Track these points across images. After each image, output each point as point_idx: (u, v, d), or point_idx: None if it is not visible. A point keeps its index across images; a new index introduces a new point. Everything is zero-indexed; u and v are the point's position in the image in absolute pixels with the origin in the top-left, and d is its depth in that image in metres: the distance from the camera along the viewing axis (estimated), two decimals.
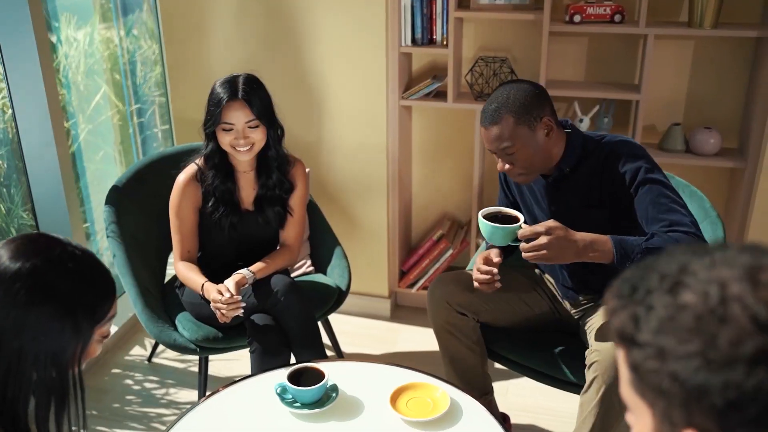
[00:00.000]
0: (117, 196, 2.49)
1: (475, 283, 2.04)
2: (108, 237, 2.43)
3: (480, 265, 2.02)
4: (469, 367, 2.20)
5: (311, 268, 2.65)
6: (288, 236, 2.33)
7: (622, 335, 0.76)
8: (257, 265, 2.21)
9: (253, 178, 2.27)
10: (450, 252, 3.03)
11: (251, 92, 2.11)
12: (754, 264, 0.70)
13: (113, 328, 2.90)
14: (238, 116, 2.10)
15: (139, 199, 2.54)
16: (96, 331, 1.16)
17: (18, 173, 2.64)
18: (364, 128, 2.88)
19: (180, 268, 2.24)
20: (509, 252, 2.22)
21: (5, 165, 2.62)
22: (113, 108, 3.18)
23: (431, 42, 2.81)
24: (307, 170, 2.72)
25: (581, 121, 2.78)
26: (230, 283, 2.09)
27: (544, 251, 1.75)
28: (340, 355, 2.69)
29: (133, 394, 2.66)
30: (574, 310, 2.20)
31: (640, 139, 2.74)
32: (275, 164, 2.24)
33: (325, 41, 2.80)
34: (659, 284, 0.73)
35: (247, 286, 2.17)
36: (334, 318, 2.76)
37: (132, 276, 2.36)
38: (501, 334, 2.22)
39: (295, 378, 1.86)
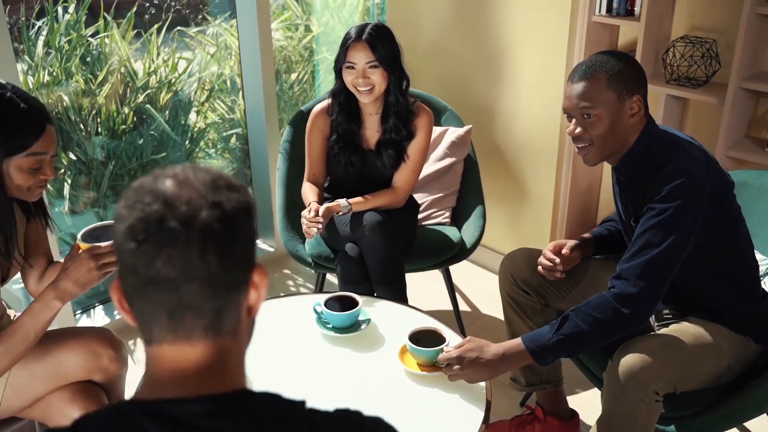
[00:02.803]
0: (298, 120, 2.84)
1: (539, 267, 1.99)
2: (279, 152, 2.80)
3: (547, 251, 1.97)
4: None
5: (447, 220, 2.73)
6: (398, 179, 2.44)
7: None
8: (357, 199, 2.37)
9: (377, 121, 2.42)
10: None
11: (375, 36, 2.25)
12: None
13: None
14: (360, 56, 2.26)
15: None
16: (13, 160, 1.53)
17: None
18: (541, 98, 2.82)
19: (303, 188, 2.50)
20: (604, 246, 2.08)
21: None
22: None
23: (629, 13, 2.60)
24: (468, 127, 2.79)
25: None
26: (323, 207, 2.30)
27: (462, 377, 1.73)
28: (455, 308, 2.74)
29: None
30: (656, 324, 1.98)
31: None
32: (393, 110, 2.36)
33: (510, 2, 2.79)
34: None
35: (342, 214, 2.34)
36: (484, 276, 2.79)
37: (284, 189, 2.70)
38: None
39: (335, 302, 2.02)
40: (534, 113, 2.89)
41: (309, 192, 2.46)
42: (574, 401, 2.35)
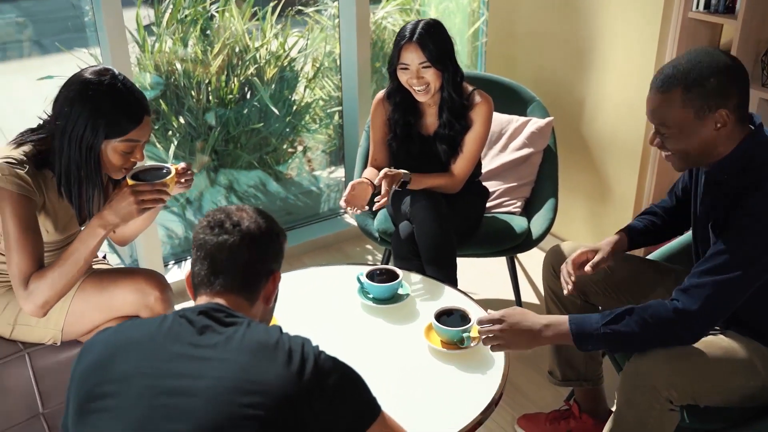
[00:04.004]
0: None
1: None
2: (364, 130, 2.92)
3: (568, 264, 1.94)
4: (571, 348, 2.10)
5: (518, 210, 2.73)
6: (455, 167, 2.47)
7: None
8: (418, 174, 2.41)
9: (436, 111, 2.46)
10: None
11: (426, 36, 2.28)
12: None
13: None
14: (412, 57, 2.30)
15: None
16: (111, 143, 1.74)
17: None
18: (628, 95, 2.75)
19: (365, 172, 2.59)
20: (639, 240, 2.01)
21: None
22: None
23: (728, 10, 2.47)
24: (549, 119, 2.77)
25: None
26: (383, 171, 2.33)
27: (499, 341, 1.72)
28: (517, 298, 2.75)
29: None
30: None
31: None
32: (447, 105, 2.39)
33: None
34: None
35: (400, 183, 2.36)
36: None
37: (362, 166, 2.80)
38: None
39: (379, 275, 2.11)
40: (620, 111, 2.82)
41: (366, 172, 2.55)
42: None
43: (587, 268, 1.91)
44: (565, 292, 1.92)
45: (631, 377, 1.66)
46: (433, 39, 2.30)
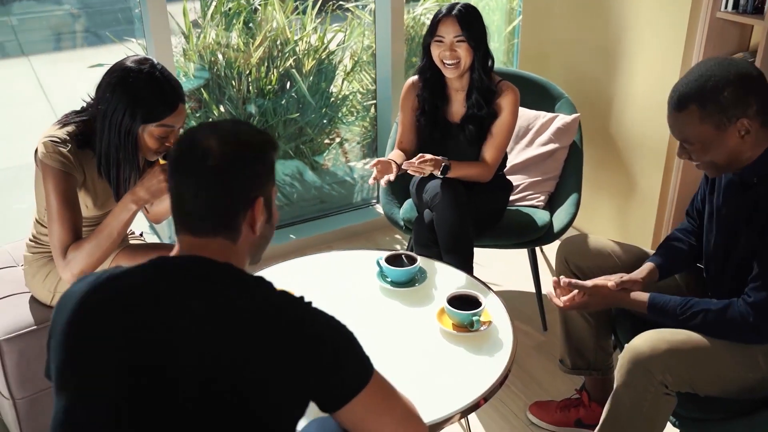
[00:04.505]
0: None
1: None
2: (395, 122, 3.00)
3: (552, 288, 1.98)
4: (580, 336, 2.17)
5: (541, 204, 2.78)
6: (485, 155, 2.53)
7: None
8: (456, 162, 2.47)
9: (463, 97, 2.53)
10: None
11: (465, 13, 2.38)
12: None
13: None
14: (449, 30, 2.39)
15: None
16: (148, 127, 1.86)
17: None
18: (654, 94, 2.78)
19: (393, 151, 2.68)
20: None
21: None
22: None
23: (757, 11, 2.49)
24: (575, 115, 2.82)
25: None
26: (426, 156, 2.39)
27: (583, 299, 1.84)
28: (537, 291, 2.80)
29: None
30: None
31: None
32: (476, 86, 2.46)
33: None
34: None
35: (441, 169, 2.41)
36: None
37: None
38: (628, 321, 2.10)
39: (397, 259, 2.20)
40: (646, 110, 2.85)
41: (392, 153, 2.63)
42: None
43: (610, 284, 1.89)
44: (557, 302, 1.94)
45: (628, 359, 1.72)
46: (470, 17, 2.40)
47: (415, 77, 2.62)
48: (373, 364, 1.21)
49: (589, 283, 1.89)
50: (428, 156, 2.39)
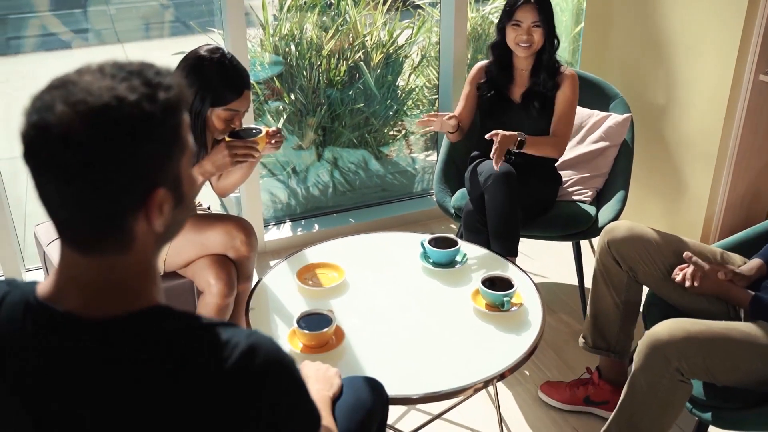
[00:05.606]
0: None
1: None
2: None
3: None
4: (606, 318, 2.25)
5: (588, 198, 2.86)
6: (556, 128, 2.69)
7: None
8: (531, 136, 2.59)
9: (527, 76, 2.70)
10: None
11: (541, 1, 2.57)
12: None
13: None
14: (527, 16, 2.57)
15: None
16: (216, 110, 2.05)
17: None
18: (706, 99, 2.82)
19: None
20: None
21: None
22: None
23: None
24: (627, 115, 2.90)
25: None
26: (499, 133, 2.50)
27: (697, 283, 1.92)
28: (580, 283, 2.88)
29: None
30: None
31: None
32: (544, 65, 2.64)
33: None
34: None
35: (516, 144, 2.53)
36: None
37: (448, 147, 3.02)
38: (657, 311, 2.17)
39: (440, 242, 2.34)
40: (698, 113, 2.89)
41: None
42: None
43: (720, 274, 1.97)
44: (687, 284, 1.99)
45: (647, 344, 1.80)
46: (546, 4, 2.60)
47: (485, 62, 2.80)
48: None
49: (706, 265, 1.98)
50: (501, 132, 2.50)
